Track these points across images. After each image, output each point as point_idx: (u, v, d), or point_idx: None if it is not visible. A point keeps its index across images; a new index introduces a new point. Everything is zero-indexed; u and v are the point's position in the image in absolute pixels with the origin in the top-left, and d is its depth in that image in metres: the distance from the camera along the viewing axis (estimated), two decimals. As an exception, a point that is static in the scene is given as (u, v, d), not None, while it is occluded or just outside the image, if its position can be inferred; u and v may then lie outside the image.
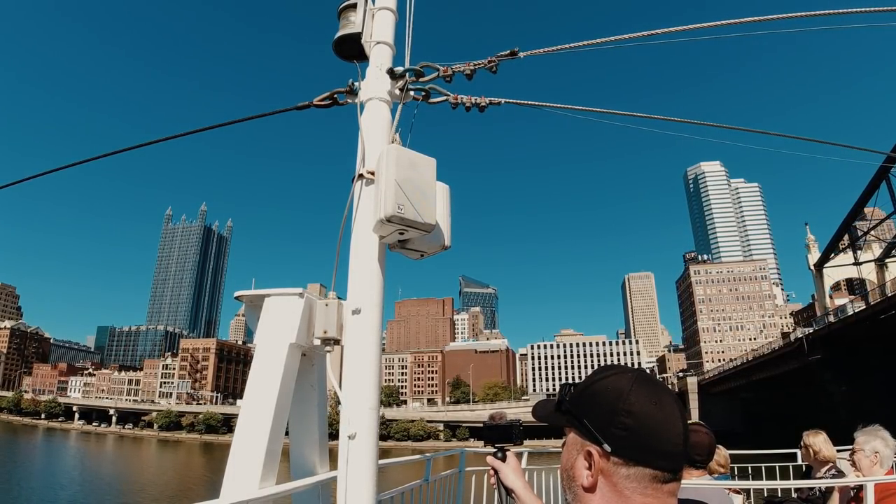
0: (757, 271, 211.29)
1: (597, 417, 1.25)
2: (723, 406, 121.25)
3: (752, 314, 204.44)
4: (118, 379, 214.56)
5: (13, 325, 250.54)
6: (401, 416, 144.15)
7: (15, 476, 64.68)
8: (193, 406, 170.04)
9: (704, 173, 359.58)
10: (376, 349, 3.04)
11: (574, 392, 1.36)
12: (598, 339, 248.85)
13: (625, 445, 1.20)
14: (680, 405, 1.27)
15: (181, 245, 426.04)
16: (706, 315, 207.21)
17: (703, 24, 3.65)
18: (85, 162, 4.58)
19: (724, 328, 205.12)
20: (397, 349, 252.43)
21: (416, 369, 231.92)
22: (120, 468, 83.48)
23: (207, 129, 4.14)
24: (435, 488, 5.36)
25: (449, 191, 3.40)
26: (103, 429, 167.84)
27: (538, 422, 1.46)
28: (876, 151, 8.01)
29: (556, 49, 3.58)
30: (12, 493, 54.43)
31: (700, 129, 4.68)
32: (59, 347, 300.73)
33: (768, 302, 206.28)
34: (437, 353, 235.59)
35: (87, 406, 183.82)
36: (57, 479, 65.57)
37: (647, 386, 1.25)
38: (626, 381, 1.26)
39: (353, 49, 3.40)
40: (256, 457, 3.00)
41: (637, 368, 1.33)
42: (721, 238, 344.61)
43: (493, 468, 1.94)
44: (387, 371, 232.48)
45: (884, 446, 4.65)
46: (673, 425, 1.22)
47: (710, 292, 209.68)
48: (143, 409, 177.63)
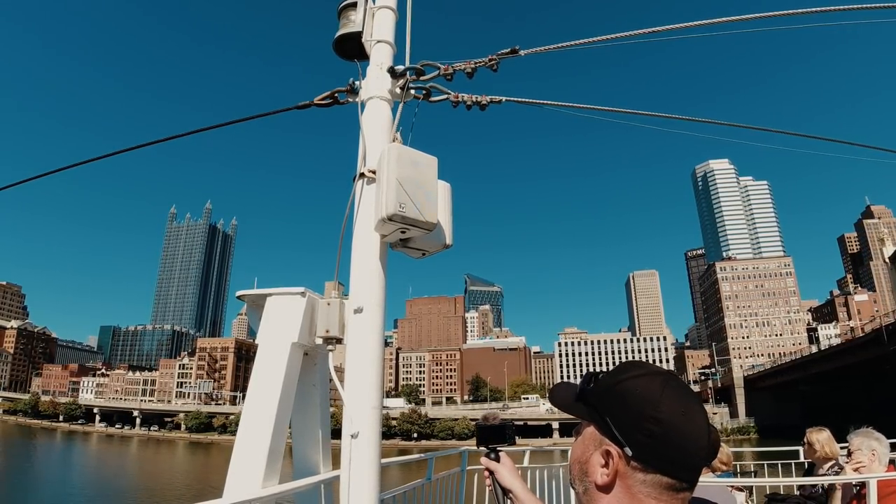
0: (781, 267, 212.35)
1: (622, 419, 1.20)
2: (772, 400, 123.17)
3: (778, 310, 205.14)
4: (132, 379, 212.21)
5: (20, 325, 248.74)
6: (442, 415, 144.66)
7: (65, 485, 61.61)
8: (222, 406, 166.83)
9: (714, 171, 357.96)
10: (379, 348, 3.05)
11: (599, 386, 1.31)
12: (621, 337, 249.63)
13: (647, 452, 1.16)
14: (706, 417, 1.23)
15: (186, 243, 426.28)
16: (733, 311, 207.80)
17: (706, 21, 3.63)
18: (88, 162, 4.60)
19: (751, 324, 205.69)
20: (409, 347, 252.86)
21: (435, 368, 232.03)
22: (177, 472, 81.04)
23: (209, 128, 4.15)
24: (437, 487, 5.37)
25: (450, 189, 3.40)
26: (127, 431, 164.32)
27: (555, 406, 1.43)
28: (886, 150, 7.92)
29: (557, 47, 3.57)
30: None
31: (706, 128, 4.66)
32: (64, 348, 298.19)
33: (793, 298, 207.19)
34: (455, 351, 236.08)
35: (109, 408, 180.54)
36: (113, 486, 62.70)
37: (678, 393, 1.21)
38: (657, 385, 1.21)
39: (354, 48, 3.40)
40: (259, 456, 3.02)
41: (667, 371, 1.29)
42: (731, 236, 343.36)
43: (487, 469, 1.91)
44: (405, 369, 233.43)
45: (880, 445, 4.80)
46: (699, 438, 1.18)
47: (737, 289, 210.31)
48: (171, 410, 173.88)
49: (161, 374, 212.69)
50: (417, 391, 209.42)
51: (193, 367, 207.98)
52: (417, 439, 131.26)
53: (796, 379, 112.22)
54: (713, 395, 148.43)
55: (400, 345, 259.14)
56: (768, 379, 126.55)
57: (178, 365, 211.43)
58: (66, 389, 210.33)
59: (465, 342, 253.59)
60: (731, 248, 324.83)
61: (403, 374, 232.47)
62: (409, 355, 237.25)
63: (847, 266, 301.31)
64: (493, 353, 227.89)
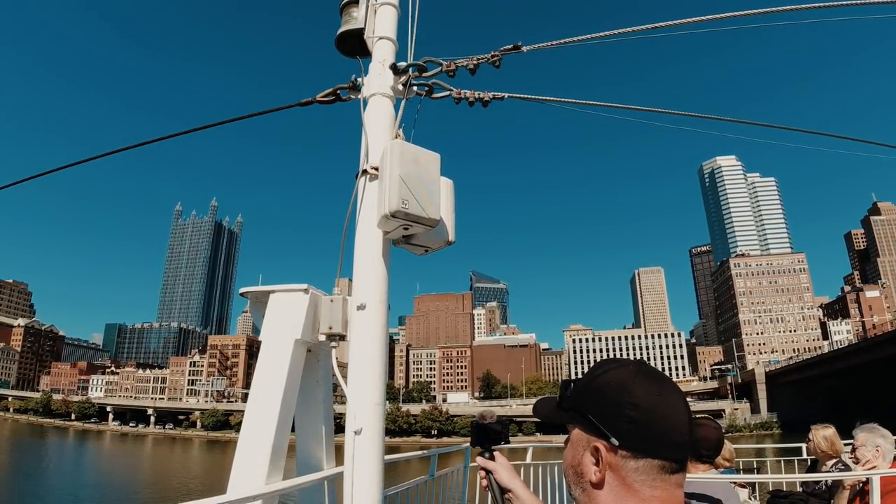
0: (795, 264, 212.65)
1: (602, 412, 1.24)
2: (795, 395, 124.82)
3: (792, 306, 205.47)
4: (143, 377, 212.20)
5: (27, 324, 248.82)
6: (462, 412, 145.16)
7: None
8: (236, 404, 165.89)
9: (721, 168, 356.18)
10: (382, 345, 3.05)
11: (575, 388, 1.36)
12: (632, 333, 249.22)
13: (632, 438, 1.20)
14: (683, 395, 1.28)
15: (192, 241, 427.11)
16: (747, 308, 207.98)
17: (711, 17, 3.61)
18: (93, 159, 4.61)
19: (765, 320, 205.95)
20: (418, 344, 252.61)
21: (445, 364, 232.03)
22: (194, 470, 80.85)
23: (212, 125, 4.16)
24: (440, 484, 5.38)
25: (453, 186, 3.40)
26: (142, 429, 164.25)
27: (540, 420, 1.46)
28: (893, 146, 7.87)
29: (560, 43, 3.55)
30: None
31: (713, 124, 4.64)
32: (70, 346, 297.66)
33: (806, 294, 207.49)
34: (466, 347, 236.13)
35: (123, 406, 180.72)
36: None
37: (650, 377, 1.25)
38: (628, 373, 1.26)
39: (356, 45, 3.40)
40: (263, 453, 3.02)
41: (637, 360, 1.33)
42: (739, 233, 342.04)
43: (484, 469, 1.87)
44: (415, 366, 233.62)
45: (885, 441, 4.80)
46: (678, 415, 1.23)
47: (751, 285, 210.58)
48: (187, 408, 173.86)
49: (172, 371, 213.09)
50: (428, 388, 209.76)
51: (205, 364, 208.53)
52: (438, 436, 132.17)
53: (821, 374, 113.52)
54: (732, 390, 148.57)
55: (408, 342, 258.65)
56: (791, 374, 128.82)
57: (190, 363, 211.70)
58: (75, 388, 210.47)
59: (473, 339, 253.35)
60: (738, 244, 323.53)
61: (414, 370, 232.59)
62: (420, 352, 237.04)
63: (854, 263, 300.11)
64: (504, 349, 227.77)
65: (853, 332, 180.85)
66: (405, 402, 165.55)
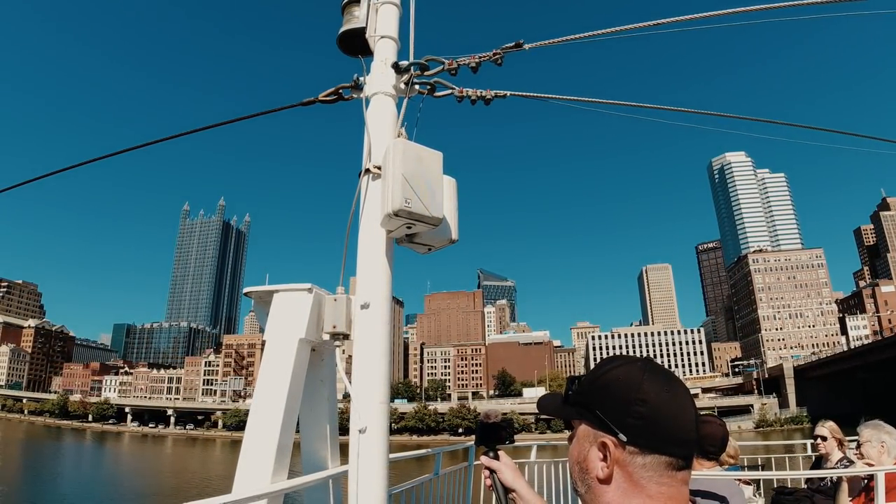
0: (813, 259, 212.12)
1: (610, 408, 1.25)
2: (825, 389, 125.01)
3: (811, 301, 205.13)
4: (157, 377, 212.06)
5: (38, 324, 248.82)
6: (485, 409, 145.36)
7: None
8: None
9: (730, 164, 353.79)
10: (386, 343, 3.04)
11: (583, 384, 1.35)
12: (654, 329, 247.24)
13: (640, 434, 1.20)
14: (689, 392, 1.30)
15: (200, 240, 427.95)
16: (766, 303, 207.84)
17: (715, 13, 3.59)
18: (100, 159, 4.64)
19: (784, 316, 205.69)
20: (429, 342, 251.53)
21: (460, 363, 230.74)
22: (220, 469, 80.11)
23: (217, 125, 4.17)
24: (445, 482, 5.39)
25: (456, 184, 3.39)
26: (162, 430, 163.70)
27: (544, 415, 1.42)
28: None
29: (562, 40, 3.54)
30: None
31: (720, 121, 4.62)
32: (79, 346, 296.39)
33: (825, 289, 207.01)
34: (480, 345, 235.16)
35: (142, 407, 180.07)
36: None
37: (658, 374, 1.26)
38: (636, 370, 1.27)
39: (358, 44, 3.40)
40: (268, 452, 3.04)
41: (645, 357, 1.34)
42: (749, 229, 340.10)
43: (488, 468, 1.87)
44: (430, 364, 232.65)
45: (890, 438, 4.81)
46: (686, 412, 1.24)
47: (770, 280, 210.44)
48: (208, 408, 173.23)
49: (187, 371, 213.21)
50: (443, 386, 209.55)
51: (220, 364, 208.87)
52: (465, 434, 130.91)
53: (855, 367, 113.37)
54: (759, 386, 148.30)
55: (420, 340, 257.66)
56: (821, 368, 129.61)
57: (205, 362, 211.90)
58: (88, 388, 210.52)
59: (485, 337, 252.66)
60: (749, 240, 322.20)
61: (428, 369, 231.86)
62: (434, 350, 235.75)
63: (864, 258, 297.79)
64: (519, 347, 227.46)
65: (869, 327, 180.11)
66: (426, 401, 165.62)
